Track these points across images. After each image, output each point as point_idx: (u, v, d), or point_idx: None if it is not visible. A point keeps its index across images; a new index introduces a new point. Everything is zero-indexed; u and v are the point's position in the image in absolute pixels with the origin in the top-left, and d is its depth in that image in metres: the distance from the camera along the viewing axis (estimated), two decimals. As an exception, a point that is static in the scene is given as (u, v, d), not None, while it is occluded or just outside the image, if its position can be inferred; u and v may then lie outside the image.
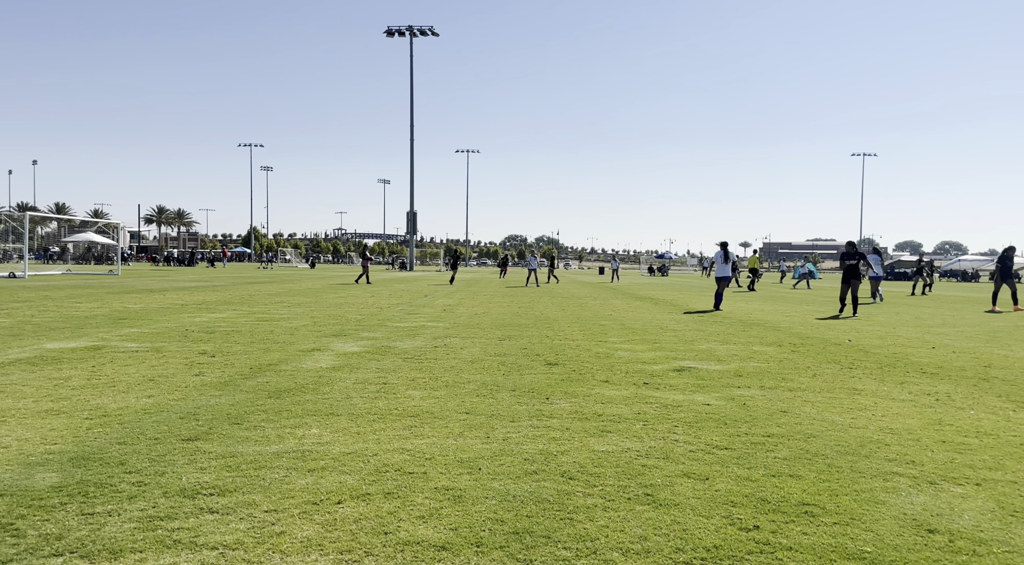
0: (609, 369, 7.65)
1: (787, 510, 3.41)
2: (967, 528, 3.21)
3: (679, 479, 3.85)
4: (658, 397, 6.12)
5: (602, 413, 5.45)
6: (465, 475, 3.85)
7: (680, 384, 6.80)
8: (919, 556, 2.91)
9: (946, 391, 6.68)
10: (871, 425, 5.21)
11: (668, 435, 4.80)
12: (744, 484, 3.78)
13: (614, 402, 5.88)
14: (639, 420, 5.24)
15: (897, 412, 5.69)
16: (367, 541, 2.97)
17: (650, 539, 3.04)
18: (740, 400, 6.05)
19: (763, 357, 8.85)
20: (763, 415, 5.48)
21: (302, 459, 4.10)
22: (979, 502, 3.56)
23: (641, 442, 4.61)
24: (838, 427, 5.12)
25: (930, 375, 7.64)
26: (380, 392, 6.12)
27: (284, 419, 5.07)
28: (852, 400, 6.16)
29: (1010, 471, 4.09)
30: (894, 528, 3.20)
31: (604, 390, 6.40)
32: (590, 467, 4.03)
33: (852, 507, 3.45)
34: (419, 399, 5.85)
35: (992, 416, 5.60)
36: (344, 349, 8.86)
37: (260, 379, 6.64)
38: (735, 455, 4.34)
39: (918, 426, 5.20)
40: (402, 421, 5.07)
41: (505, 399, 5.91)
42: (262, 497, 3.47)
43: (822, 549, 2.96)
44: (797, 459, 4.27)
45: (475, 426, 4.96)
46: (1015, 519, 3.33)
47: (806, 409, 5.74)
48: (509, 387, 6.45)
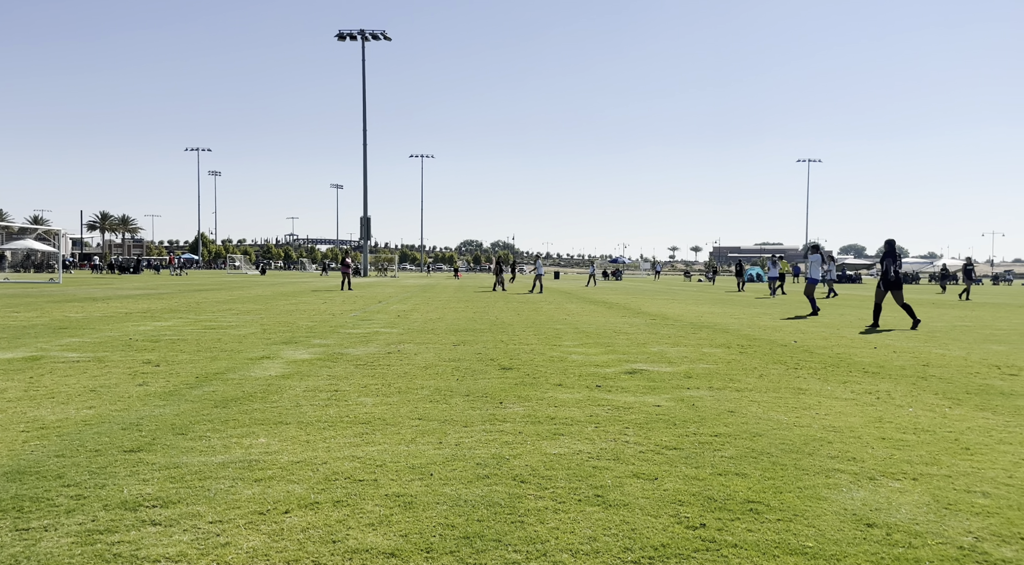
0: (563, 373, 7.69)
1: (733, 508, 3.47)
2: (904, 521, 3.32)
3: (629, 480, 3.90)
4: (610, 399, 6.18)
5: (555, 416, 5.48)
6: (416, 481, 3.83)
7: (632, 386, 6.88)
8: (858, 550, 3.00)
9: (886, 390, 6.90)
10: (815, 423, 5.35)
11: (619, 437, 4.86)
12: (692, 483, 3.85)
13: (567, 405, 5.92)
14: (591, 422, 5.29)
15: (840, 411, 5.85)
16: (315, 550, 2.93)
17: (599, 539, 3.07)
18: (689, 401, 6.15)
19: (712, 359, 9.01)
20: (711, 415, 5.58)
21: (249, 469, 4.02)
22: (915, 496, 3.68)
23: (593, 444, 4.65)
24: (783, 426, 5.25)
25: (871, 374, 7.88)
26: (331, 399, 6.04)
27: (231, 429, 4.96)
28: (797, 399, 6.32)
29: (945, 466, 4.25)
30: (835, 523, 3.29)
31: (557, 393, 6.44)
32: (542, 470, 4.05)
33: (795, 504, 3.54)
34: (371, 406, 5.80)
35: (929, 413, 5.80)
36: (294, 356, 8.73)
37: (206, 388, 6.50)
38: (683, 455, 4.41)
39: (859, 424, 5.36)
40: (353, 428, 5.02)
41: (458, 404, 5.90)
42: (207, 508, 3.39)
43: (766, 545, 3.03)
44: (743, 458, 4.36)
45: (428, 432, 4.93)
46: (948, 512, 3.46)
47: (753, 409, 5.86)
48: (463, 392, 6.44)
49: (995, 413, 5.80)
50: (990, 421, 5.50)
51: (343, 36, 66.33)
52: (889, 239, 14.75)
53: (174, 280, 44.68)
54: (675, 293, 33.01)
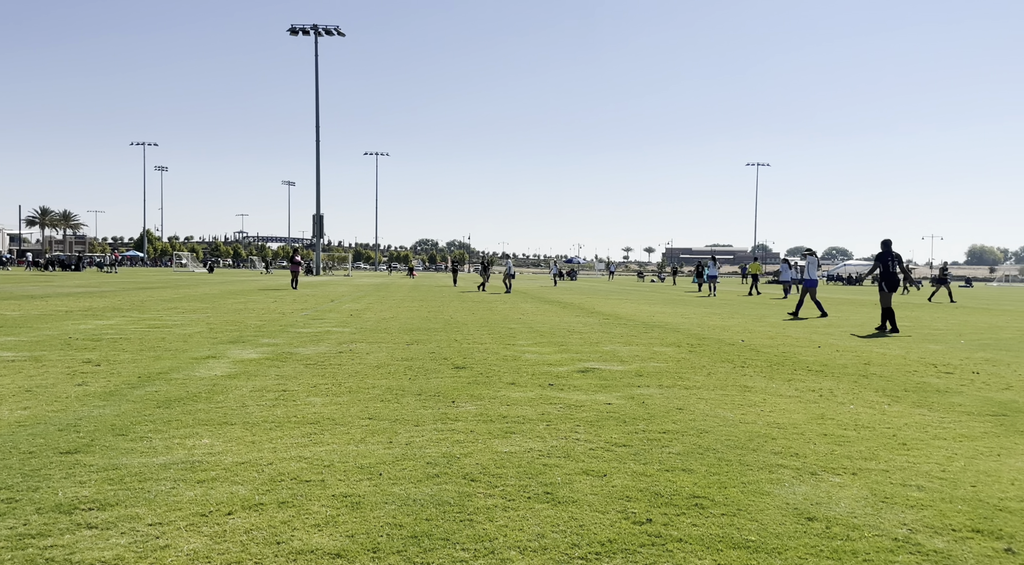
0: (516, 371, 7.71)
1: (679, 503, 3.53)
2: (843, 515, 3.42)
3: (578, 477, 3.92)
4: (562, 398, 6.22)
5: (507, 415, 5.48)
6: (365, 481, 3.79)
7: (584, 385, 6.93)
8: (798, 543, 3.07)
9: (829, 387, 7.09)
10: (759, 420, 5.46)
11: (570, 434, 4.89)
12: (640, 479, 3.89)
13: (519, 404, 5.93)
14: (543, 421, 5.31)
15: (784, 408, 6.00)
16: (258, 552, 2.88)
17: (547, 536, 3.08)
18: (640, 399, 6.23)
19: (663, 357, 9.14)
20: (660, 412, 5.65)
21: (191, 470, 3.92)
22: (854, 490, 3.79)
23: (544, 442, 4.67)
24: (729, 423, 5.35)
25: (815, 372, 8.09)
26: (278, 400, 5.94)
27: (173, 429, 4.84)
28: (743, 397, 6.45)
29: (883, 461, 4.38)
30: (777, 517, 3.37)
31: (510, 392, 6.45)
32: (492, 468, 4.05)
33: (739, 498, 3.61)
34: (320, 406, 5.72)
35: (869, 410, 5.98)
36: (241, 356, 8.55)
37: (149, 388, 6.32)
38: (632, 452, 4.46)
39: (802, 420, 5.50)
40: (301, 429, 4.94)
41: (410, 403, 5.86)
42: (146, 510, 3.30)
43: (710, 539, 3.09)
44: (690, 454, 4.43)
45: (378, 431, 4.89)
46: (885, 505, 3.57)
47: (700, 406, 5.96)
48: (415, 391, 6.40)
49: (931, 410, 6.01)
50: (926, 417, 5.69)
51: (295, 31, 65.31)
52: (886, 239, 14.20)
53: (115, 278, 43.38)
54: (628, 293, 33.40)
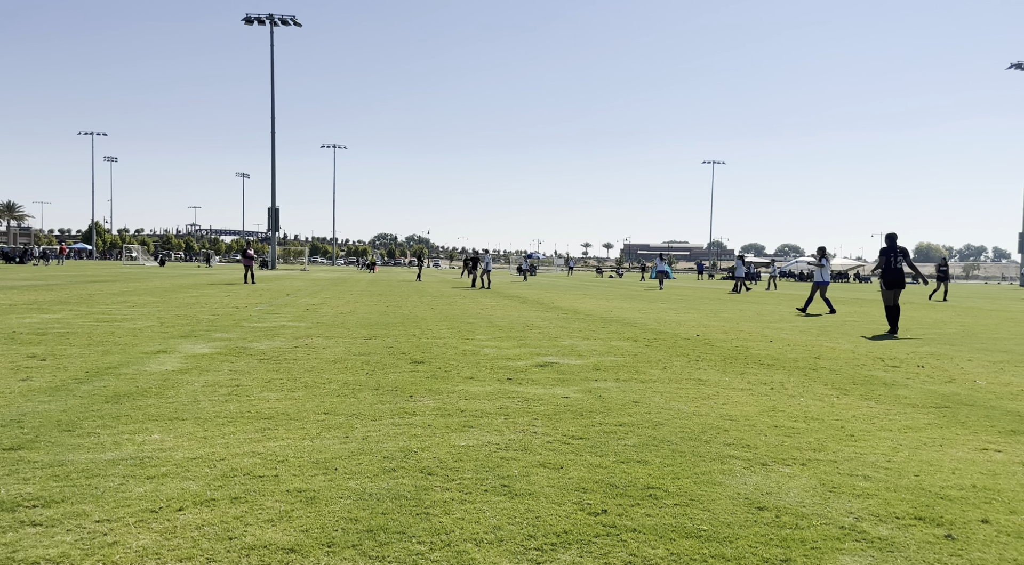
0: (475, 366, 7.70)
1: (633, 494, 3.58)
2: (792, 504, 3.50)
3: (535, 469, 3.94)
4: (520, 392, 6.24)
5: (465, 409, 5.48)
6: (320, 476, 3.75)
7: (542, 379, 6.97)
8: (749, 531, 3.14)
9: (780, 380, 7.25)
10: (713, 412, 5.57)
11: (528, 428, 4.91)
12: (596, 471, 3.93)
13: (477, 398, 5.93)
14: (501, 414, 5.32)
15: (736, 400, 6.11)
16: (209, 547, 2.83)
17: (504, 528, 3.09)
18: (597, 392, 6.29)
19: (620, 352, 9.23)
20: (617, 406, 5.72)
21: (141, 466, 3.83)
22: (803, 480, 3.89)
23: (502, 435, 4.68)
24: (683, 415, 5.44)
25: (767, 366, 8.27)
26: (231, 395, 5.84)
27: (122, 425, 4.72)
28: (697, 390, 6.56)
29: (831, 451, 4.50)
30: (729, 507, 3.44)
31: (468, 386, 6.45)
32: (450, 462, 4.05)
33: (692, 489, 3.68)
34: (275, 401, 5.64)
35: (819, 402, 6.14)
36: (193, 351, 8.38)
37: (96, 383, 6.15)
38: (589, 444, 4.50)
39: (754, 413, 5.61)
40: (254, 424, 4.86)
41: (367, 398, 5.81)
42: (93, 507, 3.21)
43: (663, 529, 3.14)
44: (645, 446, 4.49)
45: (334, 426, 4.84)
46: (833, 494, 3.67)
47: (656, 399, 6.05)
48: (372, 386, 6.35)
49: (878, 402, 6.19)
50: (873, 409, 5.87)
51: (251, 20, 64.02)
52: (890, 233, 13.47)
53: (62, 271, 42.03)
54: (587, 289, 33.64)
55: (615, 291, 31.33)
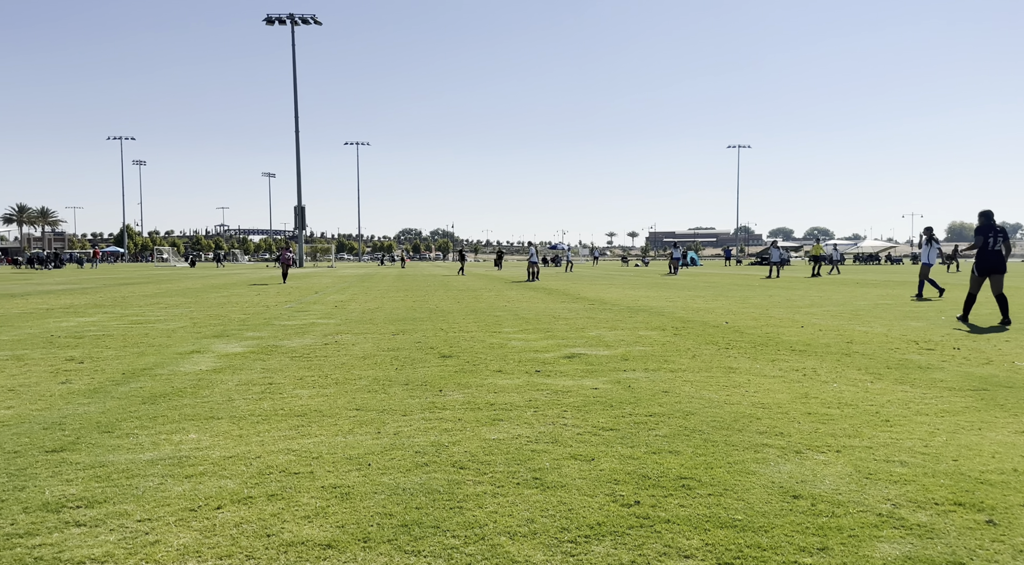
0: (502, 359, 7.72)
1: (666, 485, 3.56)
2: (827, 492, 3.47)
3: (566, 462, 3.95)
4: (549, 384, 6.24)
5: (494, 402, 5.50)
6: (354, 472, 3.80)
7: (570, 370, 6.96)
8: (785, 521, 3.12)
9: (812, 367, 7.16)
10: (744, 401, 5.52)
11: (557, 420, 4.91)
12: (627, 462, 3.92)
13: (506, 391, 5.95)
14: (530, 407, 5.33)
15: (768, 388, 6.05)
16: (248, 545, 2.88)
17: (537, 521, 3.10)
18: (626, 383, 6.27)
19: (648, 341, 9.18)
20: (646, 396, 5.69)
21: (179, 465, 3.91)
22: (838, 467, 3.84)
23: (531, 428, 4.69)
24: (714, 404, 5.40)
25: (799, 352, 8.17)
26: (265, 393, 5.92)
27: (159, 425, 4.81)
28: (728, 378, 6.50)
29: (866, 438, 4.44)
30: (763, 496, 3.41)
31: (497, 380, 6.47)
32: (481, 456, 4.07)
33: (726, 478, 3.66)
34: (307, 398, 5.70)
35: (852, 388, 6.05)
36: (226, 350, 8.51)
37: (133, 385, 6.27)
38: (619, 435, 4.49)
39: (787, 400, 5.56)
40: (288, 421, 4.93)
41: (397, 393, 5.86)
42: (134, 506, 3.28)
43: (697, 520, 3.12)
44: (676, 436, 4.47)
45: (365, 422, 4.89)
46: (869, 481, 3.62)
47: (686, 388, 6.01)
48: (402, 381, 6.40)
49: (913, 386, 6.09)
50: (908, 394, 5.77)
51: (271, 20, 64.52)
52: (986, 210, 11.38)
53: (95, 274, 42.88)
54: (613, 278, 33.50)
55: (641, 280, 31.15)
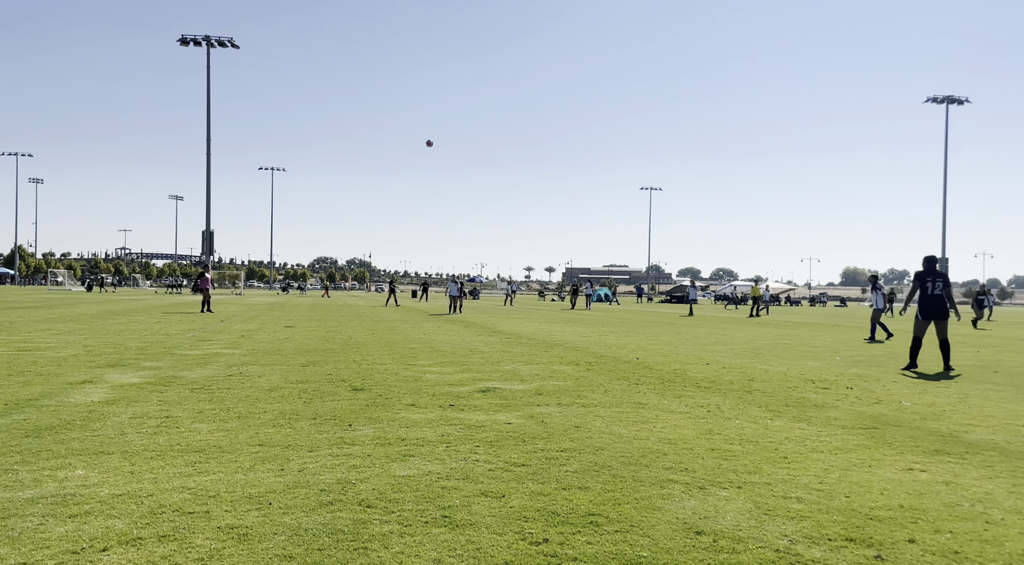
0: (416, 392, 7.62)
1: (575, 521, 3.58)
2: (728, 528, 3.56)
3: (477, 498, 3.91)
4: (462, 418, 6.20)
5: (406, 437, 5.40)
6: (253, 511, 3.63)
7: (485, 404, 6.94)
8: (688, 557, 3.18)
9: (716, 403, 7.40)
10: (652, 436, 5.63)
11: (469, 456, 4.87)
12: (537, 499, 3.92)
13: (419, 425, 5.86)
14: (442, 442, 5.26)
15: (675, 424, 6.20)
16: (135, 591, 2.70)
17: (444, 561, 3.05)
18: (539, 418, 6.29)
19: (562, 376, 9.27)
20: (559, 431, 5.73)
21: (62, 504, 3.64)
22: (739, 504, 3.96)
23: (443, 464, 4.63)
24: (624, 439, 5.48)
25: (704, 389, 8.43)
26: (161, 427, 5.62)
27: (43, 460, 4.48)
28: (637, 413, 6.63)
29: (766, 474, 4.60)
30: (668, 532, 3.47)
31: (409, 414, 6.37)
32: (389, 493, 3.98)
33: (632, 515, 3.70)
34: (206, 432, 5.45)
35: (753, 424, 6.28)
36: (121, 380, 8.05)
37: (16, 416, 5.84)
38: (531, 471, 4.49)
39: (692, 436, 5.70)
40: (185, 457, 4.69)
41: (304, 428, 5.68)
42: (9, 549, 3.03)
43: (604, 557, 3.14)
44: (586, 471, 4.51)
45: (268, 458, 4.70)
46: (767, 517, 3.75)
47: (597, 424, 6.08)
48: (309, 415, 6.21)
49: (809, 424, 6.37)
50: (805, 431, 6.03)
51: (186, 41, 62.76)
52: (929, 256, 11.90)
53: (-18, 296, 39.95)
54: (530, 312, 33.78)
55: (557, 315, 31.54)
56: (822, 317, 37.82)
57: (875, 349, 15.22)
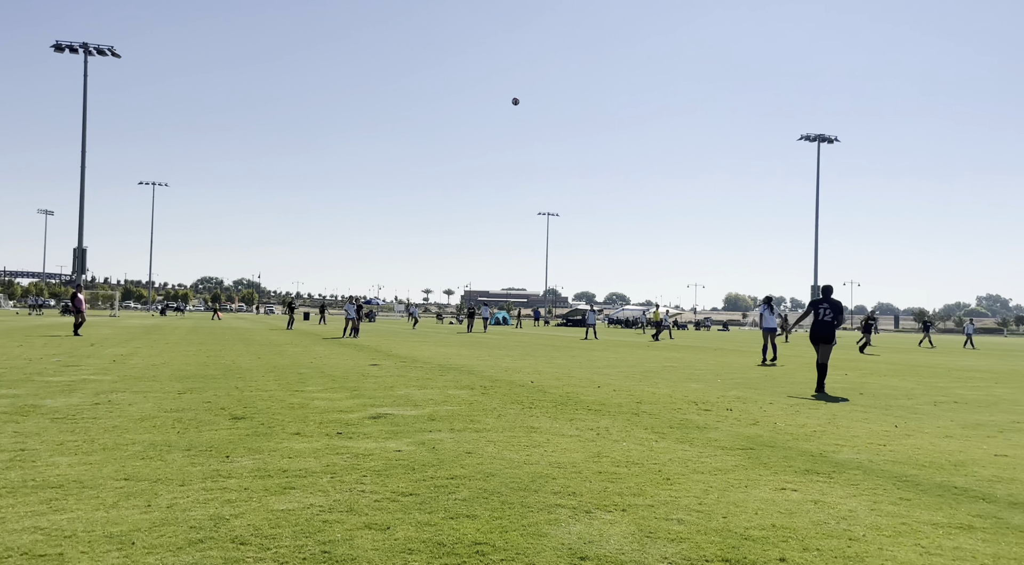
0: (302, 420, 7.34)
1: (460, 552, 3.51)
2: (612, 553, 3.60)
3: (360, 532, 3.78)
4: (350, 447, 6.01)
5: (288, 468, 5.18)
6: (114, 552, 3.36)
7: (375, 432, 6.76)
8: (572, 582, 3.18)
9: (606, 426, 7.53)
10: (543, 461, 5.65)
11: (355, 486, 4.72)
12: (424, 529, 3.83)
13: (303, 455, 5.64)
14: (327, 473, 5.08)
15: (565, 447, 6.26)
16: (-35, 651, 2.42)
17: (322, 600, 2.91)
18: (430, 444, 6.19)
19: (456, 400, 9.20)
20: (450, 457, 5.65)
21: None
22: (623, 527, 4.02)
23: (326, 496, 4.46)
24: (514, 464, 5.48)
25: (595, 411, 8.58)
26: (14, 460, 5.14)
27: None
28: (529, 438, 6.65)
29: (649, 496, 4.71)
30: (552, 558, 3.47)
31: (293, 443, 6.12)
32: (266, 529, 3.78)
33: (519, 542, 3.68)
34: (66, 466, 5.02)
35: (639, 446, 6.42)
36: (-29, 410, 7.32)
37: None
38: (419, 501, 4.39)
39: (581, 459, 5.77)
40: (39, 494, 4.29)
41: (176, 460, 5.34)
42: None
43: (489, 587, 3.10)
44: (475, 499, 4.46)
45: (134, 494, 4.38)
46: (649, 540, 3.82)
47: (489, 449, 6.05)
48: (183, 446, 5.85)
49: (692, 445, 6.59)
50: (687, 452, 6.23)
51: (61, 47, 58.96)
52: (826, 285, 12.40)
53: None
54: (427, 335, 33.46)
55: (454, 338, 31.41)
56: (706, 341, 39.54)
57: (754, 372, 16.01)
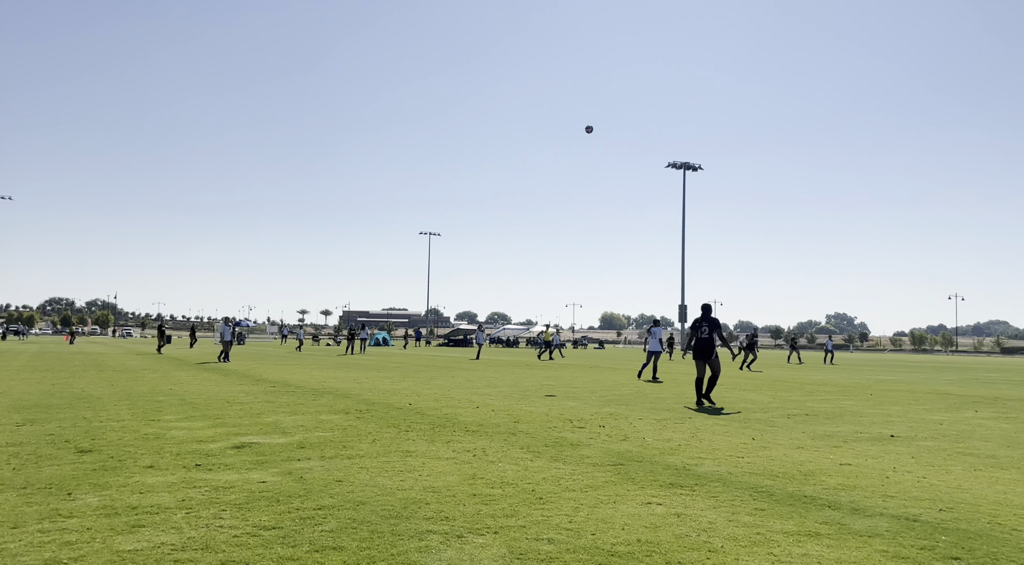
0: (157, 452, 6.85)
1: (324, 587, 3.37)
2: (483, 575, 3.56)
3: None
4: (209, 479, 5.66)
5: (138, 505, 4.80)
6: (-78, 611, 2.98)
7: (237, 462, 6.41)
8: (440, 611, 3.11)
9: (483, 447, 7.52)
10: (416, 485, 5.55)
11: (213, 522, 4.43)
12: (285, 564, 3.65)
13: (155, 490, 5.25)
14: (182, 508, 4.75)
15: (441, 470, 6.19)
16: None
17: (167, 649, 2.70)
18: (298, 474, 5.94)
19: (329, 426, 8.90)
20: (318, 487, 5.44)
21: None
22: (494, 550, 4.00)
23: (180, 534, 4.16)
24: (387, 491, 5.34)
25: (472, 432, 8.55)
26: None
27: None
28: (404, 462, 6.52)
29: (522, 517, 4.72)
30: (422, 587, 3.39)
31: (146, 477, 5.69)
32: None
33: (387, 572, 3.57)
34: None
35: (515, 466, 6.45)
36: None
37: None
38: (282, 534, 4.19)
39: (456, 482, 5.71)
40: None
41: (9, 500, 4.83)
42: None
43: (353, 622, 2.98)
44: (344, 529, 4.30)
45: (-47, 542, 3.91)
46: (520, 561, 3.81)
47: (361, 476, 5.88)
48: (19, 485, 5.31)
49: (565, 463, 6.69)
50: (560, 470, 6.31)
51: None
52: (705, 304, 13.12)
53: None
54: (301, 358, 32.29)
55: (330, 360, 30.51)
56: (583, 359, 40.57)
57: (626, 388, 16.55)
